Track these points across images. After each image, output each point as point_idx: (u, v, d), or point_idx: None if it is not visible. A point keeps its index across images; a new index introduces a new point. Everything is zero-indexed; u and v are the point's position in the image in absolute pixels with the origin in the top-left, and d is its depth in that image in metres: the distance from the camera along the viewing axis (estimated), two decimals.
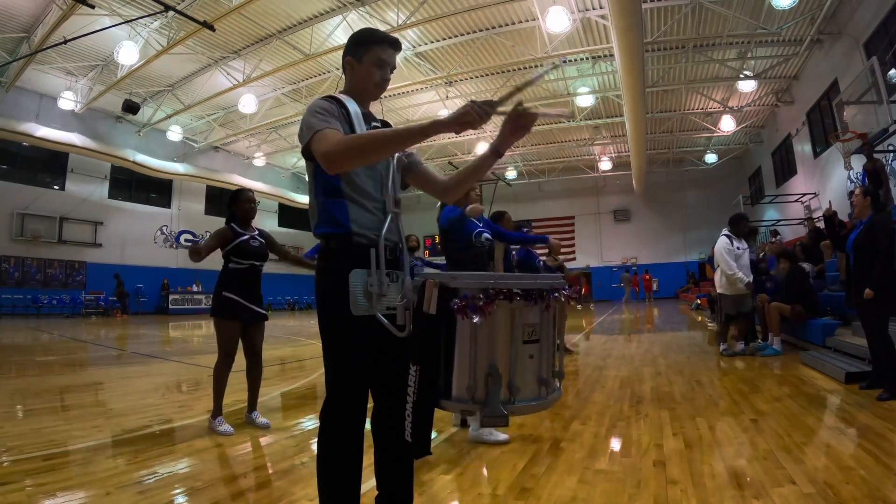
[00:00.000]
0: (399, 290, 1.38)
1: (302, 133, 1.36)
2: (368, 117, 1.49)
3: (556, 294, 1.25)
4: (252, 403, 3.25)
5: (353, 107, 1.43)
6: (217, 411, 3.08)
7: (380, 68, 1.49)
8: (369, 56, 1.47)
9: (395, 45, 1.51)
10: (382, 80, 1.50)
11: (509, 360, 1.17)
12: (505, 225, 4.45)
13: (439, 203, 3.09)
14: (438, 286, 1.18)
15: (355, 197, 1.40)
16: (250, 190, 3.45)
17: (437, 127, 1.21)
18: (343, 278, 1.32)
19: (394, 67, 1.53)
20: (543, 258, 6.62)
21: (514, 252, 4.65)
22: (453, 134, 1.24)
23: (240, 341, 3.19)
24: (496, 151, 1.43)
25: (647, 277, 23.04)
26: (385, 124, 1.57)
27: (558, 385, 1.30)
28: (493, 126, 19.12)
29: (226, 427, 3.00)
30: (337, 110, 1.39)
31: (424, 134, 1.22)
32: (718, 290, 5.83)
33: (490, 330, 1.16)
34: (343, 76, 1.56)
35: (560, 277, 1.32)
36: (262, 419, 3.18)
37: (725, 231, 5.76)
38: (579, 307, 15.87)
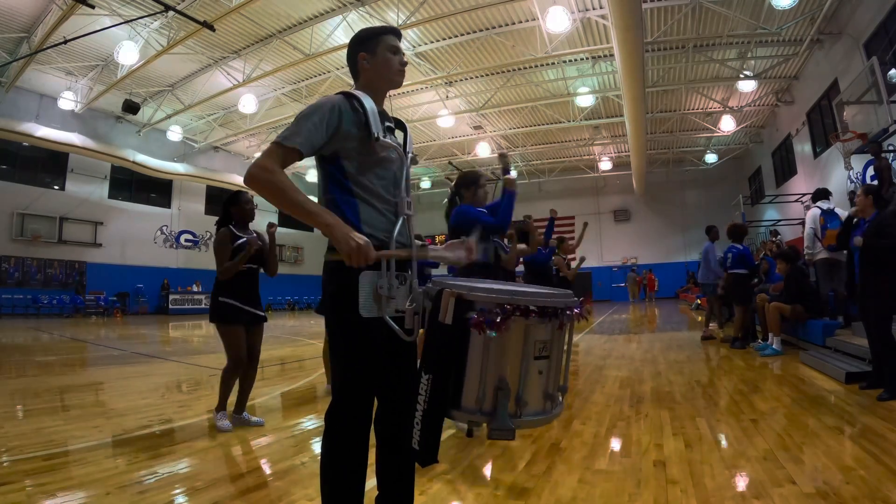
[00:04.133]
0: (407, 293, 1.38)
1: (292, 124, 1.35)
2: (384, 116, 1.48)
3: (570, 312, 1.25)
4: (241, 405, 3.21)
5: (369, 104, 1.42)
6: (221, 407, 3.11)
7: (395, 54, 1.51)
8: (382, 46, 1.49)
9: (398, 34, 1.56)
10: (401, 65, 1.52)
11: (519, 375, 1.17)
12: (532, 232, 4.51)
13: (446, 200, 3.08)
14: (456, 297, 1.17)
15: (366, 197, 1.40)
16: (248, 191, 3.44)
17: (335, 230, 1.24)
18: (353, 279, 1.32)
19: (403, 53, 1.56)
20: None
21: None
22: (453, 134, 1.25)
23: None
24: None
25: (651, 277, 23.07)
26: (398, 123, 1.58)
27: (561, 399, 1.31)
28: (493, 126, 19.15)
29: (225, 423, 3.03)
30: (346, 112, 1.37)
31: (327, 228, 1.25)
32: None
33: (503, 344, 1.16)
34: (354, 77, 1.55)
35: (572, 295, 1.31)
36: (255, 418, 3.19)
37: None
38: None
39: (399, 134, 1.56)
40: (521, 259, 4.27)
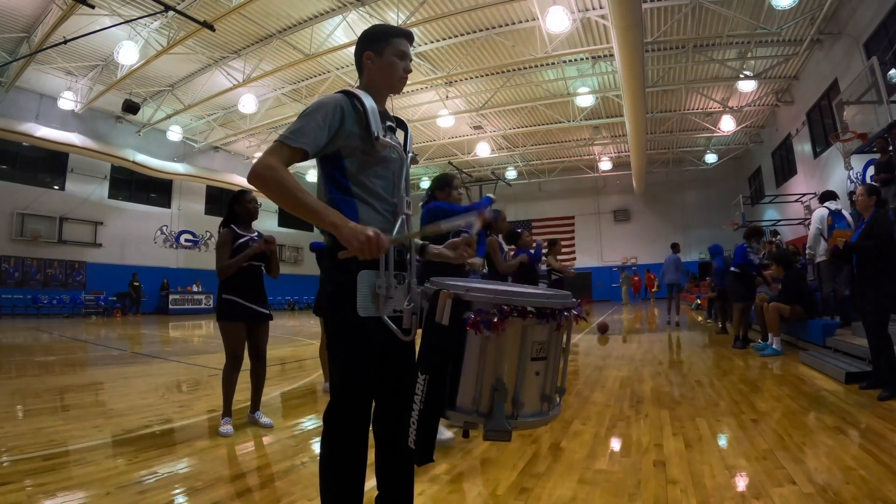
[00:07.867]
0: (405, 293, 1.38)
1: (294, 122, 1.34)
2: (384, 115, 1.47)
3: (568, 313, 1.25)
4: (255, 403, 3.26)
5: (369, 103, 1.41)
6: (226, 412, 3.09)
7: (402, 59, 1.49)
8: (390, 49, 1.47)
9: (410, 38, 1.53)
10: (406, 72, 1.50)
11: (516, 376, 1.17)
12: (502, 224, 4.45)
13: (421, 203, 3.06)
14: (452, 297, 1.17)
15: (365, 197, 1.40)
16: (252, 190, 3.45)
17: (342, 229, 1.20)
18: (351, 278, 1.32)
19: (411, 59, 1.53)
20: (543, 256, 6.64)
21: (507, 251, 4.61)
22: (453, 134, 1.24)
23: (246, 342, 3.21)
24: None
25: (652, 277, 23.04)
26: (399, 122, 1.57)
27: (559, 401, 1.30)
28: (493, 126, 19.15)
29: (227, 428, 2.99)
30: (348, 111, 1.36)
31: (333, 227, 1.21)
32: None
33: (500, 345, 1.15)
34: (359, 73, 1.53)
35: (571, 296, 1.30)
36: (265, 419, 3.20)
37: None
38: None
39: (400, 133, 1.55)
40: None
